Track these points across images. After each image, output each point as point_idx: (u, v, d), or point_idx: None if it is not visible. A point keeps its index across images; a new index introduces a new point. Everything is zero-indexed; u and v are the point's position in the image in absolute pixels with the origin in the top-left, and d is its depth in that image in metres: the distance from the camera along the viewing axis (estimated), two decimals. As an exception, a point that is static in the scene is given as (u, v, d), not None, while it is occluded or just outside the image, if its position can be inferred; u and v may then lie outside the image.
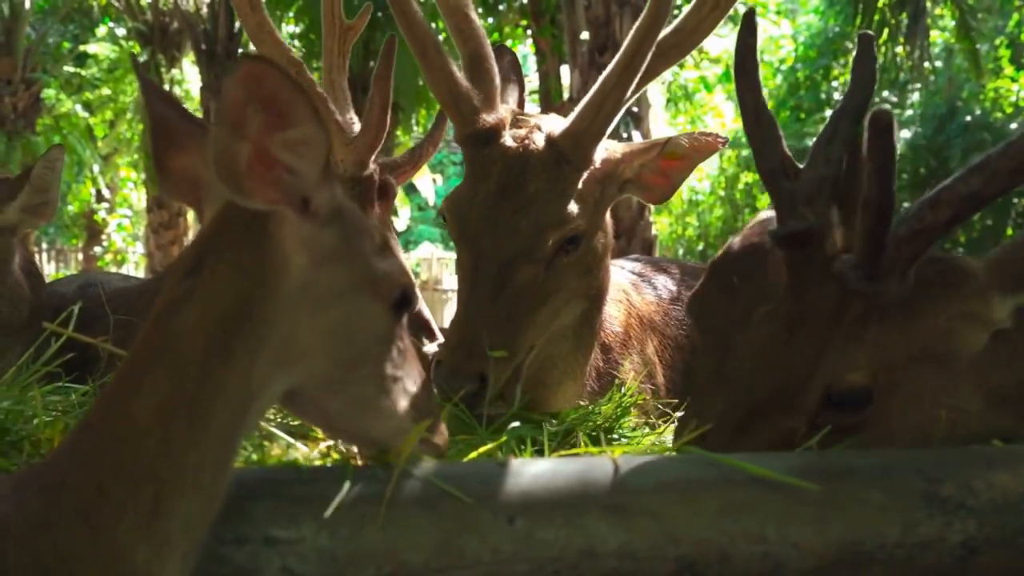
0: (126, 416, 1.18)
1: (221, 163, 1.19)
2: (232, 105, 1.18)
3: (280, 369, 1.28)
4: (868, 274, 1.61)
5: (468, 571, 1.35)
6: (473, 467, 1.45)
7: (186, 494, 1.19)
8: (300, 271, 1.28)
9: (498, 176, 2.20)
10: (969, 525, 1.46)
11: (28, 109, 15.06)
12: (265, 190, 1.23)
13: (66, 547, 1.12)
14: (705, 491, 1.43)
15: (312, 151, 1.25)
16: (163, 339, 1.22)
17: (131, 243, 20.73)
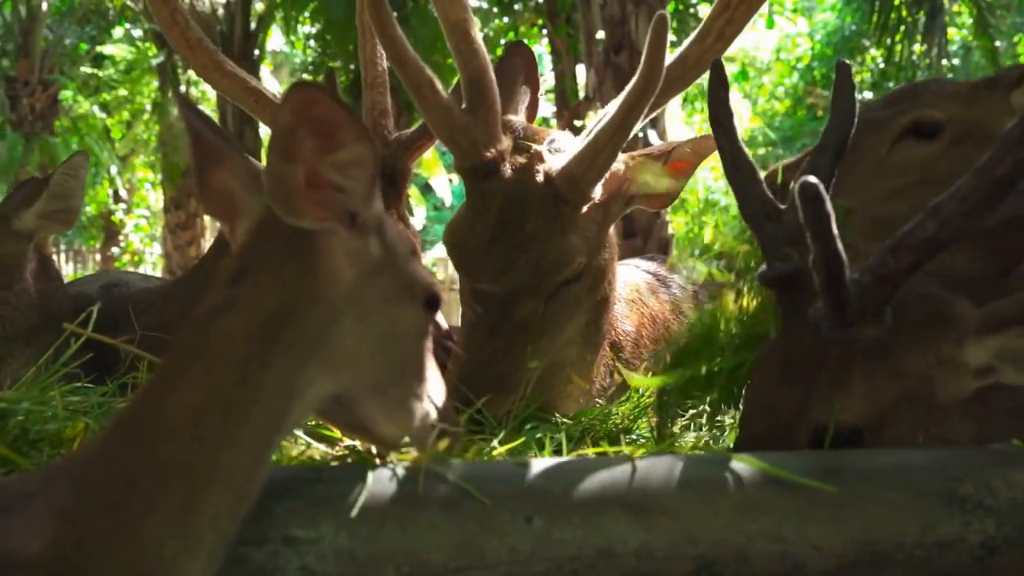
0: (160, 413, 1.21)
1: (274, 187, 1.25)
2: (284, 131, 1.23)
3: (326, 374, 1.32)
4: (838, 323, 1.61)
5: (487, 571, 1.35)
6: (492, 467, 1.46)
7: (217, 492, 1.21)
8: (348, 282, 1.32)
9: (497, 211, 2.17)
10: (988, 525, 1.45)
11: (46, 110, 15.14)
12: (316, 210, 1.28)
13: (93, 541, 1.13)
14: (723, 491, 1.43)
15: (361, 170, 1.30)
16: (203, 342, 1.25)
17: (148, 244, 20.83)
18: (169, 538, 1.17)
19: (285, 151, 1.24)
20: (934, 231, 1.57)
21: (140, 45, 17.10)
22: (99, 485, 1.17)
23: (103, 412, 1.90)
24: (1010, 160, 1.51)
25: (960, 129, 2.33)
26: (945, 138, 2.32)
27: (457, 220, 2.23)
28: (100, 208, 19.82)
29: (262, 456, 1.27)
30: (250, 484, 1.26)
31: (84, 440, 1.80)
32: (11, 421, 1.79)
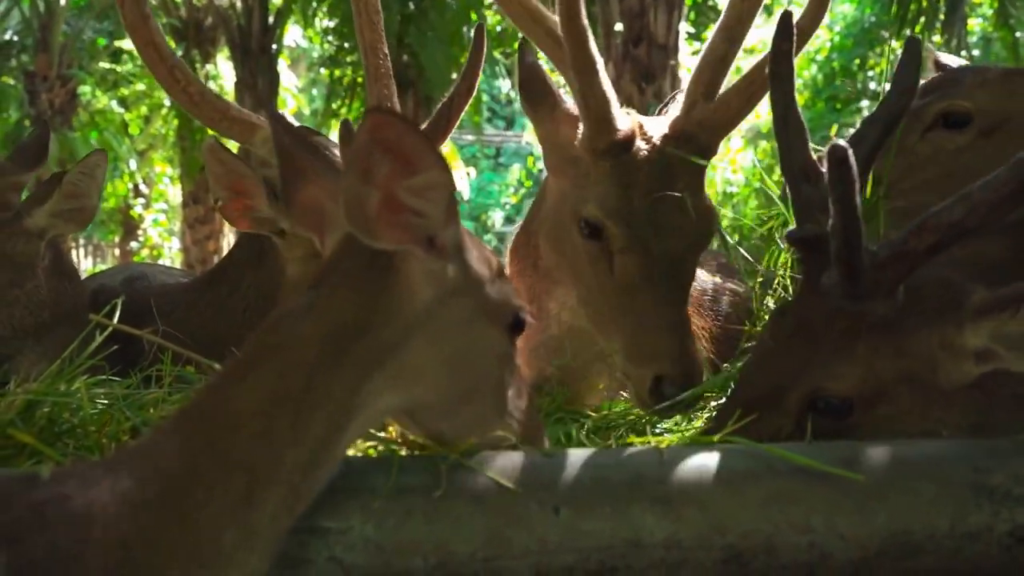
0: (228, 405, 1.23)
1: (352, 209, 1.28)
2: (360, 154, 1.26)
3: (393, 389, 1.34)
4: (849, 293, 1.64)
5: (515, 561, 1.35)
6: (519, 458, 1.46)
7: (277, 489, 1.23)
8: (424, 303, 1.35)
9: (646, 179, 2.17)
10: (1017, 515, 1.45)
11: (64, 105, 15.19)
12: (393, 232, 1.31)
13: (154, 528, 1.14)
14: (751, 481, 1.43)
15: (438, 194, 1.33)
16: (276, 341, 1.29)
17: (167, 238, 20.87)
18: (227, 529, 1.19)
19: (361, 173, 1.27)
20: (960, 216, 1.57)
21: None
22: (162, 474, 1.19)
23: (128, 404, 1.92)
24: None
25: (990, 120, 2.31)
26: (973, 129, 2.31)
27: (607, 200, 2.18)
28: (119, 202, 19.89)
29: (323, 459, 1.29)
30: (308, 485, 1.28)
31: (109, 432, 1.81)
32: (38, 412, 1.81)
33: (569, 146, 2.25)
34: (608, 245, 2.17)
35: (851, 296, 1.64)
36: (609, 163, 2.18)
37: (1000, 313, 1.61)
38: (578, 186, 2.23)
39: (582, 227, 2.19)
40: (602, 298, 2.19)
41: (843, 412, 1.67)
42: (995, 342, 1.63)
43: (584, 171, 2.21)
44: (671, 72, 10.67)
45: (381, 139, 1.25)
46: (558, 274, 2.34)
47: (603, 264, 2.17)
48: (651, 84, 10.58)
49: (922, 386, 1.67)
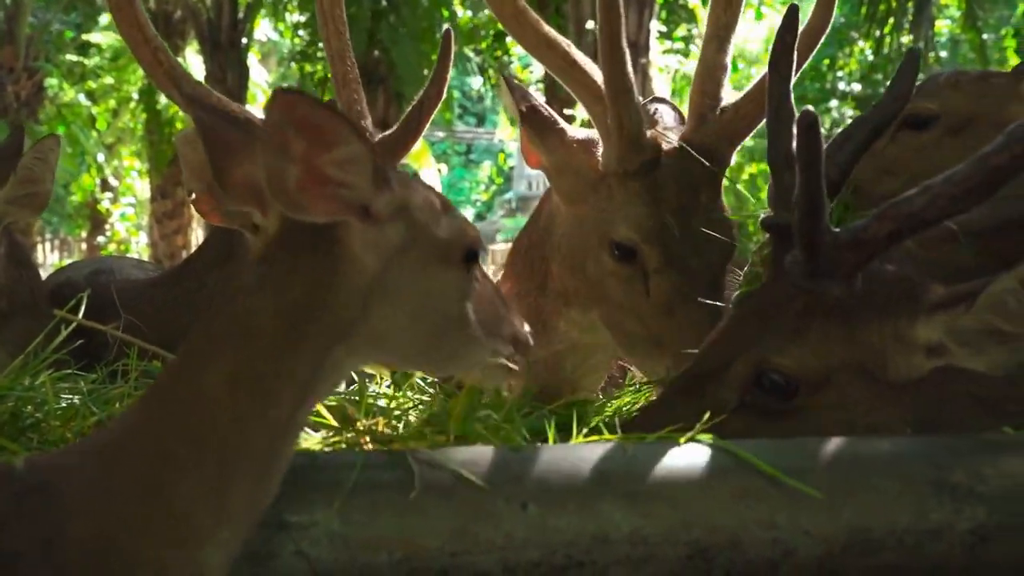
0: (196, 385, 1.23)
1: (274, 185, 1.27)
2: (273, 131, 1.25)
3: (359, 354, 1.36)
4: (807, 271, 1.66)
5: (481, 556, 1.36)
6: (487, 453, 1.46)
7: (248, 466, 1.23)
8: (372, 271, 1.34)
9: (675, 198, 2.17)
10: (979, 512, 1.46)
11: (31, 98, 15.03)
12: (322, 204, 1.30)
13: (128, 514, 1.15)
14: (717, 478, 1.44)
15: (359, 166, 1.32)
16: (236, 318, 1.29)
17: (135, 233, 20.71)
18: (201, 510, 1.19)
19: (277, 149, 1.26)
20: (920, 207, 1.60)
21: (126, 33, 16.97)
22: (135, 458, 1.19)
23: (94, 399, 1.90)
24: (1009, 153, 1.52)
25: (957, 119, 2.34)
26: (939, 128, 2.34)
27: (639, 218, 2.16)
28: (86, 197, 19.72)
29: (289, 432, 1.30)
30: (277, 460, 1.28)
31: (75, 427, 1.80)
32: (1, 407, 1.79)
33: (586, 171, 2.23)
34: (643, 266, 2.15)
35: (809, 274, 1.66)
36: (639, 183, 2.16)
37: (954, 307, 1.62)
38: (602, 209, 2.21)
39: (613, 250, 2.17)
40: (637, 320, 2.18)
41: (787, 392, 1.69)
42: (947, 337, 1.64)
43: (607, 194, 2.20)
44: (641, 70, 10.71)
45: (292, 118, 1.25)
46: (575, 298, 2.31)
47: (638, 285, 2.16)
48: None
49: (871, 377, 1.69)
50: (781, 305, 1.72)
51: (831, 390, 1.69)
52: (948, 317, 1.63)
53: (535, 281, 2.41)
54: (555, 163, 2.27)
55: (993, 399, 1.74)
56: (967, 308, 1.60)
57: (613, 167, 2.18)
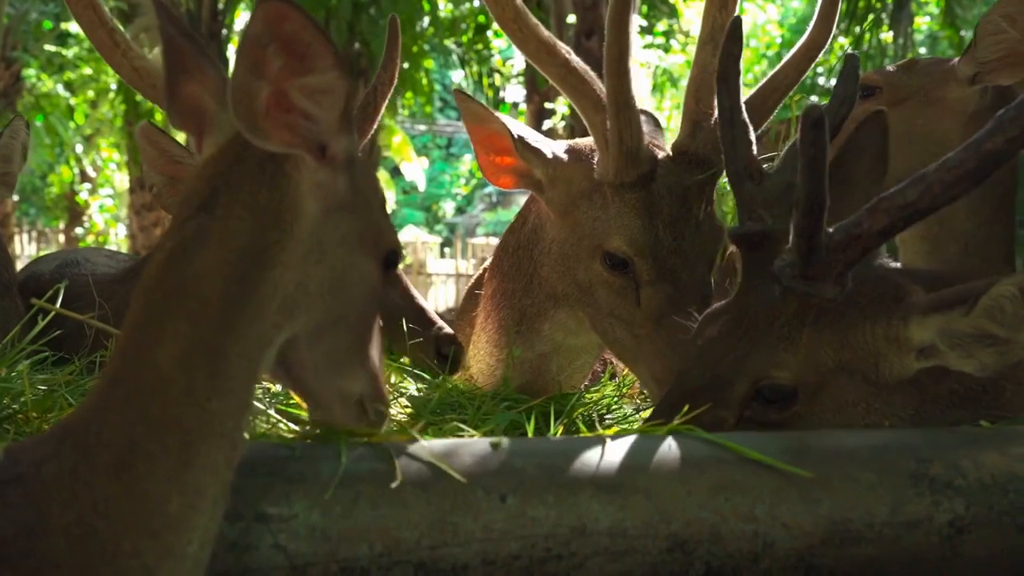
0: (151, 367, 1.18)
1: (238, 102, 1.20)
2: (252, 45, 1.18)
3: (288, 316, 1.28)
4: (802, 273, 1.66)
5: (460, 548, 1.35)
6: (467, 446, 1.46)
7: (212, 442, 1.20)
8: (313, 216, 1.28)
9: (669, 210, 2.17)
10: (957, 504, 1.47)
11: (8, 88, 14.92)
12: (282, 133, 1.23)
13: (105, 503, 1.14)
14: (697, 470, 1.44)
15: (332, 99, 1.26)
16: (180, 283, 1.21)
17: (113, 224, 20.59)
18: (172, 496, 1.16)
19: (253, 65, 1.19)
20: (914, 198, 1.59)
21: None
22: (105, 447, 1.17)
23: (71, 390, 1.89)
24: (1002, 138, 1.52)
25: (899, 93, 2.50)
26: (882, 99, 2.48)
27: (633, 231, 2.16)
28: (64, 188, 19.58)
29: (245, 402, 1.25)
30: (239, 431, 1.24)
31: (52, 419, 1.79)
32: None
33: (578, 182, 2.24)
34: (635, 277, 2.16)
35: (804, 276, 1.65)
36: (635, 195, 2.17)
37: (950, 310, 1.63)
38: (595, 219, 2.21)
39: (605, 260, 2.18)
40: (626, 328, 2.18)
41: (788, 400, 1.69)
42: (939, 338, 1.65)
43: (601, 203, 2.20)
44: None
45: (277, 32, 1.17)
46: (565, 301, 2.32)
47: (629, 295, 2.17)
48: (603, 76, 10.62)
49: (864, 379, 1.70)
50: (768, 313, 1.71)
51: (827, 394, 1.70)
52: (944, 320, 1.64)
53: (521, 282, 2.41)
54: (546, 175, 2.27)
55: (971, 396, 1.77)
56: (965, 312, 1.62)
57: (609, 178, 2.18)
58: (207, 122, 1.34)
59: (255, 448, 1.40)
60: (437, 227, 30.04)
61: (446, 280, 17.24)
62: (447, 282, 17.12)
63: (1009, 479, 1.50)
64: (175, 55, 1.32)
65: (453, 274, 17.11)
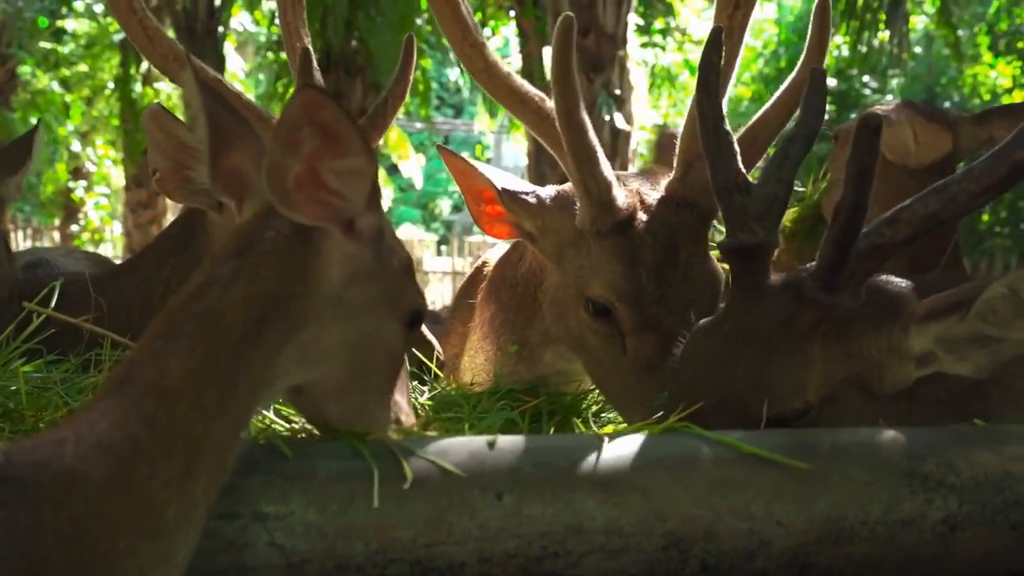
0: (164, 375, 1.23)
1: (272, 177, 1.30)
2: (289, 125, 1.29)
3: (299, 365, 1.36)
4: (827, 284, 1.65)
5: (457, 547, 1.36)
6: (463, 444, 1.46)
7: (209, 460, 1.24)
8: (336, 284, 1.38)
9: (652, 255, 2.12)
10: (950, 502, 1.48)
11: (4, 85, 14.91)
12: (312, 207, 1.34)
13: (101, 505, 1.15)
14: (692, 468, 1.45)
15: (359, 181, 1.36)
16: (207, 311, 1.28)
17: (108, 222, 20.56)
18: (171, 503, 1.19)
19: (288, 144, 1.30)
20: (937, 208, 1.60)
21: (101, 20, 16.85)
22: (107, 450, 1.18)
23: (66, 388, 1.89)
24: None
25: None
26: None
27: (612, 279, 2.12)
28: (59, 186, 19.54)
29: (240, 431, 1.30)
30: (231, 456, 1.28)
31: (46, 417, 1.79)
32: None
33: (564, 230, 2.20)
34: (618, 325, 2.11)
35: (828, 287, 1.64)
36: (613, 241, 2.13)
37: (946, 317, 1.64)
38: (580, 266, 2.18)
39: (588, 307, 2.14)
40: (616, 375, 2.14)
41: (802, 417, 1.68)
42: (937, 345, 1.67)
43: (585, 250, 2.17)
44: (619, 63, 10.72)
45: (313, 117, 1.28)
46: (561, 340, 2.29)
47: (615, 342, 2.12)
48: (599, 74, 10.62)
49: (865, 389, 1.70)
50: (779, 326, 1.68)
51: (836, 404, 1.70)
52: (941, 327, 1.65)
53: (524, 314, 2.39)
54: (534, 226, 2.24)
55: (956, 403, 1.79)
56: (961, 318, 1.63)
57: (587, 227, 2.15)
58: (247, 188, 1.45)
59: (252, 447, 1.40)
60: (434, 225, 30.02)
61: (442, 278, 17.21)
62: (443, 280, 17.10)
63: (1002, 477, 1.51)
64: (218, 127, 1.43)
65: (450, 272, 17.09)
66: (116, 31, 15.64)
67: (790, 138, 1.83)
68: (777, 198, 1.77)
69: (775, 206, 1.77)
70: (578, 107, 2.03)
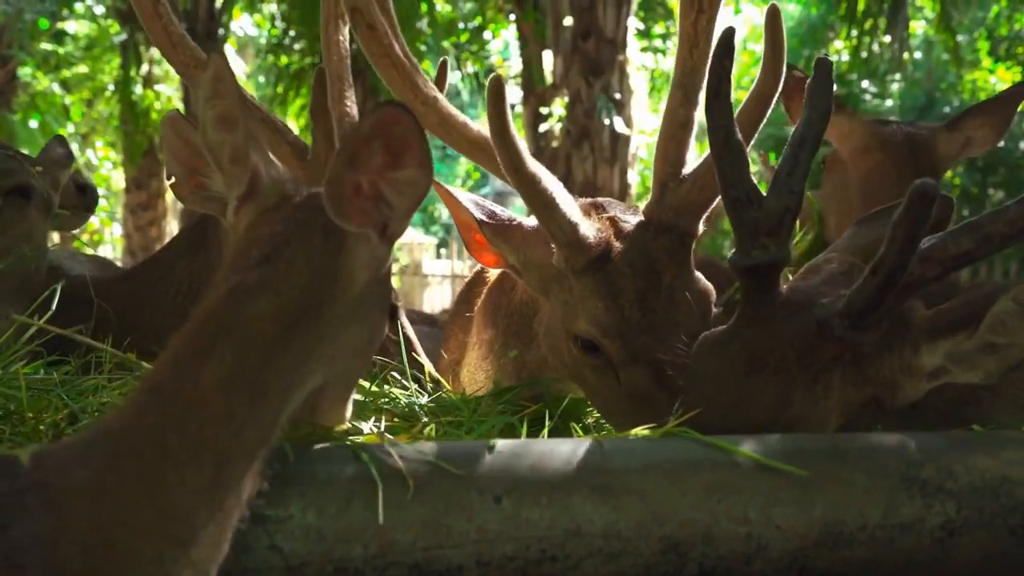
0: (195, 383, 1.23)
1: (333, 190, 1.33)
2: (360, 142, 1.32)
3: (323, 367, 1.37)
4: (855, 324, 1.63)
5: (455, 550, 1.36)
6: (461, 447, 1.46)
7: (241, 466, 1.24)
8: (362, 285, 1.40)
9: (633, 285, 2.08)
10: (948, 507, 1.49)
11: (4, 87, 14.87)
12: (361, 216, 1.37)
13: (127, 511, 1.15)
14: (690, 472, 1.45)
15: (414, 191, 1.39)
16: (236, 319, 1.28)
17: (108, 223, 20.55)
18: (200, 508, 1.19)
19: (353, 160, 1.33)
20: (970, 247, 1.61)
21: (102, 22, 16.86)
22: (135, 456, 1.19)
23: (67, 390, 1.89)
24: None
25: None
26: None
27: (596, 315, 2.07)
28: (59, 187, 19.52)
29: (271, 438, 1.29)
30: (261, 462, 1.28)
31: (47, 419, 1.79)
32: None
33: (546, 265, 2.16)
34: (608, 359, 2.08)
35: (855, 327, 1.63)
36: (591, 278, 2.09)
37: (956, 334, 1.65)
38: (564, 302, 2.14)
39: (576, 343, 2.11)
40: (614, 406, 2.11)
41: None
42: (948, 360, 1.67)
43: (568, 286, 2.13)
44: (619, 67, 10.73)
45: (387, 133, 1.31)
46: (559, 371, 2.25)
47: (608, 375, 2.09)
48: (599, 78, 10.64)
49: (879, 407, 1.71)
50: (801, 357, 1.67)
51: (848, 425, 1.70)
52: (951, 343, 1.66)
53: (522, 340, 2.35)
54: (519, 260, 2.20)
55: (953, 410, 1.81)
56: (970, 335, 1.64)
57: (563, 266, 2.11)
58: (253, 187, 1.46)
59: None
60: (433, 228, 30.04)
61: (442, 281, 17.21)
62: (443, 283, 17.10)
63: (1000, 482, 1.51)
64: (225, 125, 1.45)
65: (449, 275, 17.08)
66: (116, 33, 15.66)
67: (798, 142, 1.78)
68: (789, 210, 1.73)
69: (787, 219, 1.73)
70: (523, 161, 1.98)
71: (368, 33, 2.21)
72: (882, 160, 2.95)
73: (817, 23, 17.66)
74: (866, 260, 1.67)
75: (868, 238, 1.95)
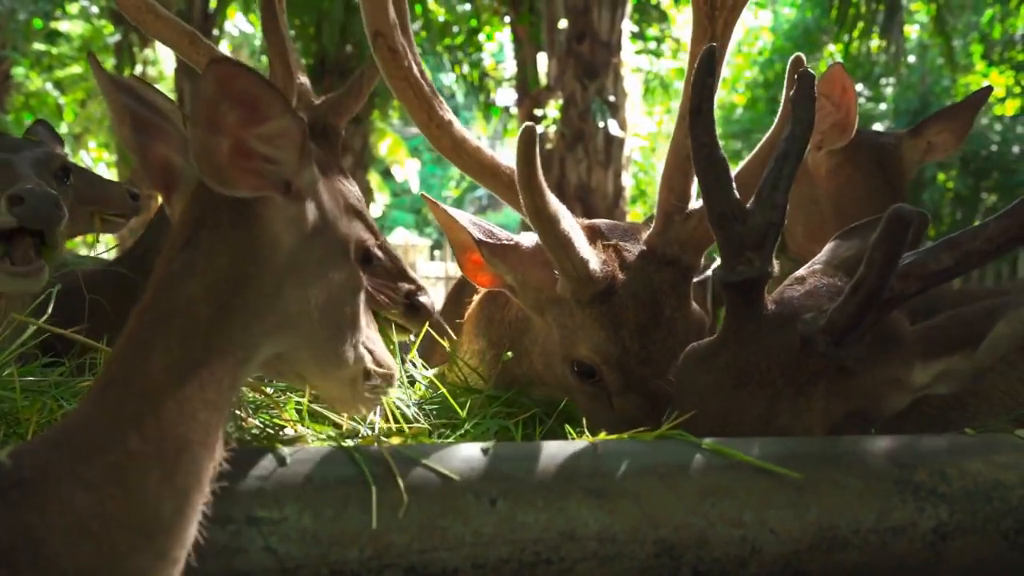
0: (144, 375, 1.24)
1: (202, 159, 1.28)
2: (206, 104, 1.27)
3: (272, 337, 1.36)
4: (837, 341, 1.64)
5: (450, 553, 1.36)
6: (456, 450, 1.46)
7: (200, 451, 1.24)
8: (288, 248, 1.36)
9: (635, 317, 2.09)
10: (941, 511, 1.49)
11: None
12: (247, 179, 1.32)
13: (101, 506, 1.15)
14: (685, 475, 1.46)
15: (288, 141, 1.34)
16: (171, 307, 1.28)
17: (101, 224, 20.49)
18: (166, 500, 1.20)
19: (208, 122, 1.27)
20: (949, 264, 1.63)
21: (95, 22, 16.84)
22: (100, 452, 1.19)
23: (61, 391, 1.89)
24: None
25: None
26: None
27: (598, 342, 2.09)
28: (52, 187, 19.49)
29: (224, 416, 1.30)
30: (219, 443, 1.28)
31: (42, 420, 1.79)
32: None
33: (545, 288, 2.16)
34: (604, 384, 2.09)
35: (837, 343, 1.64)
36: (596, 309, 2.09)
37: (951, 354, 1.68)
38: (563, 326, 2.14)
39: (573, 367, 2.12)
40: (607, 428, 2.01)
41: None
42: (938, 378, 1.71)
43: (568, 311, 2.13)
44: (614, 69, 10.74)
45: (229, 89, 1.26)
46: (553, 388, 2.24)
47: (602, 400, 2.10)
48: (594, 81, 10.65)
49: (865, 419, 1.72)
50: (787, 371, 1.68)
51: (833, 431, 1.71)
52: (946, 363, 1.69)
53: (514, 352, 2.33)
54: (516, 280, 2.20)
55: (940, 415, 1.84)
56: (966, 356, 1.67)
57: (568, 296, 2.11)
58: (175, 178, 1.43)
59: (246, 452, 1.41)
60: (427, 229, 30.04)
61: (435, 282, 17.21)
62: (436, 284, 17.11)
63: (993, 486, 1.52)
64: (137, 123, 1.42)
65: (443, 277, 17.10)
66: (110, 33, 15.64)
67: (781, 156, 1.78)
68: (772, 224, 1.74)
69: (771, 233, 1.74)
70: (546, 203, 1.98)
71: (389, 56, 2.21)
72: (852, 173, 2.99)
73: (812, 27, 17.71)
74: (849, 273, 1.69)
75: (851, 251, 1.96)
